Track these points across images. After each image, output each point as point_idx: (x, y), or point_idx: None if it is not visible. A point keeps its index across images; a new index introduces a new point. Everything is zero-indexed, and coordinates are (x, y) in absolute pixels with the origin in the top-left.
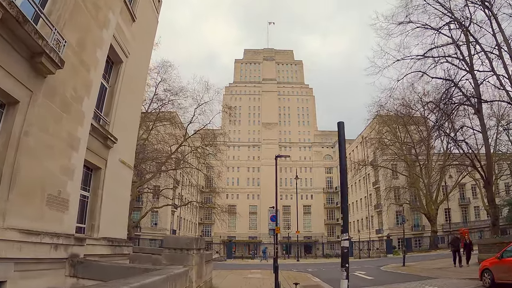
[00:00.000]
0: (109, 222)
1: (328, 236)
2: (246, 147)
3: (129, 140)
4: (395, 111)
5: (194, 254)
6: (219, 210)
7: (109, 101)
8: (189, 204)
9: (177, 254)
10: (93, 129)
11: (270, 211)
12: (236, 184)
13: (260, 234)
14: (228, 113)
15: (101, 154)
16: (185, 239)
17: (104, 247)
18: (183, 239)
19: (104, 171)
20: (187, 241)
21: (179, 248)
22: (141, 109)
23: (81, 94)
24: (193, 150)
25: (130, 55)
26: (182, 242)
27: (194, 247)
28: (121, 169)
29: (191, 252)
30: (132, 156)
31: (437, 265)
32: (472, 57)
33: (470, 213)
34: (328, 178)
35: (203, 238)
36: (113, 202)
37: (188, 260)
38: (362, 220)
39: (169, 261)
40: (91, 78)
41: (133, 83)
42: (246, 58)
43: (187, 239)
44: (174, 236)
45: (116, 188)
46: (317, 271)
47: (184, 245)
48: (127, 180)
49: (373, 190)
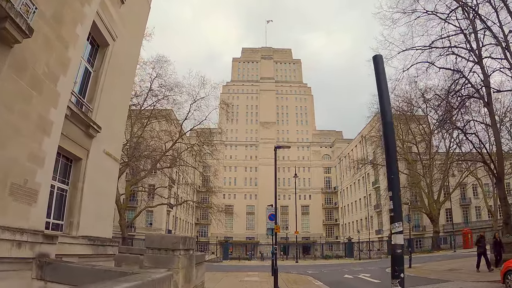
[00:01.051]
0: (91, 219)
1: (326, 237)
2: (244, 146)
3: (115, 130)
4: (397, 107)
5: (181, 256)
6: (215, 210)
7: (93, 87)
8: (184, 203)
9: (162, 256)
10: (73, 115)
11: (269, 210)
12: (233, 184)
13: (258, 235)
14: (225, 109)
15: (82, 143)
16: (171, 238)
17: (85, 246)
18: (169, 238)
19: (86, 162)
20: (173, 241)
21: (163, 248)
22: (130, 99)
23: (56, 71)
24: (189, 147)
25: (118, 39)
26: (167, 241)
27: (181, 247)
28: (106, 161)
29: (177, 254)
30: (119, 148)
31: (445, 267)
32: (481, 48)
33: (471, 214)
34: (327, 178)
35: (193, 238)
36: (96, 197)
37: (174, 263)
38: (362, 221)
39: (152, 263)
40: (69, 56)
41: (121, 70)
42: (243, 56)
43: (174, 238)
44: (158, 235)
45: (100, 181)
46: (318, 273)
47: (169, 245)
48: (112, 173)
49: (372, 190)
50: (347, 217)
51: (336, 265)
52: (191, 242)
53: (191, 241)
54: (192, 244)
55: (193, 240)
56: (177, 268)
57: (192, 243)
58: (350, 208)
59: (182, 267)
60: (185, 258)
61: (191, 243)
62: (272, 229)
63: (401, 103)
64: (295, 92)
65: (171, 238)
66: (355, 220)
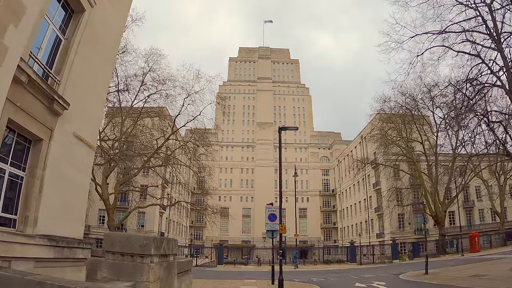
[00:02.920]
0: (54, 214)
1: (324, 241)
2: (240, 147)
3: (90, 112)
4: (402, 102)
5: (153, 264)
6: (210, 211)
7: (63, 57)
8: (177, 204)
9: (126, 264)
10: (32, 83)
11: (269, 209)
12: (229, 185)
13: (254, 238)
14: (221, 104)
15: (43, 120)
16: (139, 239)
17: (44, 248)
18: (137, 239)
19: (49, 144)
20: (142, 243)
21: (128, 253)
22: (110, 80)
23: (3, 19)
24: (182, 145)
25: (97, 7)
26: (134, 243)
27: (154, 252)
28: (77, 146)
29: (147, 261)
30: (94, 134)
31: (466, 272)
32: (500, 33)
33: (474, 216)
34: (325, 181)
35: (174, 240)
36: (62, 189)
37: (143, 273)
38: (361, 224)
39: (113, 274)
40: (24, 4)
41: (100, 44)
42: (240, 56)
43: (144, 239)
44: (121, 234)
45: (68, 170)
46: (324, 281)
47: (136, 248)
48: (85, 162)
49: (373, 192)
50: (346, 220)
51: (340, 271)
52: (171, 245)
53: (171, 244)
54: (172, 248)
55: (174, 243)
56: (147, 281)
57: (173, 247)
58: (349, 211)
59: (155, 279)
60: (160, 266)
61: (170, 247)
62: (272, 231)
63: (406, 99)
64: (293, 93)
65: (139, 239)
66: (354, 224)
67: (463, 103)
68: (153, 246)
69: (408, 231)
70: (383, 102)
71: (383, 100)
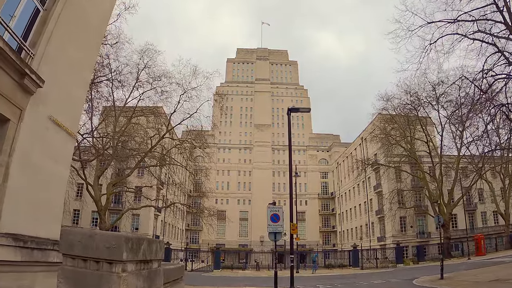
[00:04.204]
0: (24, 210)
1: (323, 245)
2: (237, 149)
3: (71, 95)
4: (407, 100)
5: (126, 274)
6: (206, 214)
7: (40, 29)
8: (172, 206)
9: (89, 272)
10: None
11: (271, 209)
12: (226, 188)
13: (251, 242)
14: (218, 101)
15: (11, 97)
16: (106, 239)
17: (8, 249)
18: (103, 238)
19: (18, 126)
20: (111, 244)
21: (93, 258)
22: (95, 63)
23: None
24: (178, 144)
25: None
26: (99, 244)
27: (127, 257)
28: (53, 132)
29: (117, 269)
30: (75, 120)
31: (485, 276)
32: None
33: (477, 219)
34: (323, 183)
35: (158, 242)
36: (33, 180)
37: (111, 286)
38: (362, 227)
39: (71, 285)
40: None
41: (84, 21)
42: (238, 57)
43: (113, 239)
44: (82, 232)
45: (42, 159)
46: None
47: (103, 251)
48: (63, 151)
49: (374, 194)
50: (345, 223)
51: (344, 276)
52: (155, 248)
53: (154, 246)
54: (156, 252)
55: (158, 246)
56: None
57: (157, 250)
58: (349, 215)
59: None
60: (138, 276)
61: (153, 250)
62: (274, 233)
63: (411, 97)
64: (291, 94)
65: (106, 238)
66: (354, 227)
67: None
68: (125, 248)
69: (410, 234)
70: (386, 100)
71: (386, 99)
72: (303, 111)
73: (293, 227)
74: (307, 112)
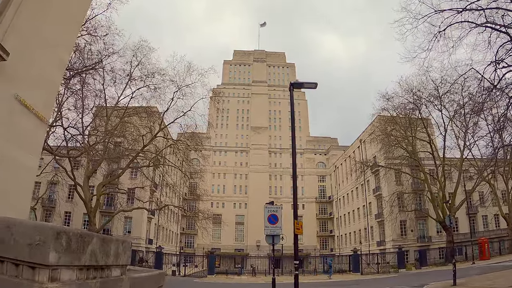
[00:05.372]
0: None
1: (320, 249)
2: (233, 152)
3: (45, 75)
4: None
5: (53, 285)
6: (201, 217)
7: None
8: (167, 209)
9: (5, 278)
10: None
11: (268, 209)
12: (222, 191)
13: (247, 246)
14: (214, 99)
15: None
16: (29, 232)
17: None
18: (25, 229)
19: None
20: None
21: (11, 259)
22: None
23: None
24: (172, 144)
25: None
26: (19, 239)
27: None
28: (21, 115)
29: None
30: (48, 104)
31: (502, 282)
32: None
33: (478, 223)
34: (321, 187)
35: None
36: None
37: None
38: (360, 232)
39: None
40: None
41: None
42: (235, 59)
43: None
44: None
45: (5, 145)
46: None
47: (23, 250)
48: (33, 138)
49: (373, 198)
50: (343, 228)
51: (347, 282)
52: (111, 249)
53: (110, 247)
54: (114, 255)
55: (120, 246)
56: None
57: (117, 253)
58: (347, 219)
59: None
60: None
61: (109, 253)
62: (272, 236)
63: (413, 96)
64: (288, 97)
65: (29, 230)
66: (352, 231)
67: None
68: (54, 246)
69: (411, 238)
70: (387, 99)
71: (387, 98)
72: (308, 86)
73: (298, 225)
74: (313, 88)
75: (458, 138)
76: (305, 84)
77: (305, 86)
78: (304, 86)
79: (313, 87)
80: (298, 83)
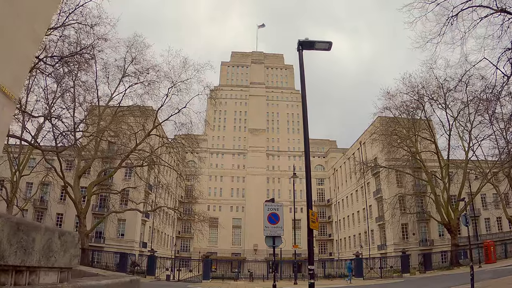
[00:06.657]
0: None
1: (319, 254)
2: (231, 154)
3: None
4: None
5: None
6: (197, 219)
7: None
8: (162, 212)
9: None
10: None
11: (268, 207)
12: (219, 194)
13: (244, 251)
14: (210, 96)
15: None
16: None
17: None
18: None
19: None
20: None
21: None
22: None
23: None
24: (167, 143)
25: None
26: None
27: None
28: None
29: None
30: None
31: None
32: None
33: (480, 226)
34: (320, 190)
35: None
36: None
37: None
38: (360, 235)
39: None
40: None
41: None
42: (233, 60)
43: None
44: None
45: None
46: None
47: None
48: None
49: (373, 201)
50: (343, 231)
51: None
52: (37, 242)
53: (35, 237)
54: (42, 251)
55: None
56: None
57: (49, 248)
58: (346, 222)
59: None
60: None
61: (32, 247)
62: (273, 237)
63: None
64: (286, 99)
65: None
66: (352, 235)
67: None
68: None
69: (413, 242)
70: (390, 98)
71: (389, 96)
72: (320, 47)
73: (313, 217)
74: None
75: (462, 138)
76: (316, 44)
77: (317, 46)
78: (315, 46)
79: (327, 48)
80: (308, 42)
